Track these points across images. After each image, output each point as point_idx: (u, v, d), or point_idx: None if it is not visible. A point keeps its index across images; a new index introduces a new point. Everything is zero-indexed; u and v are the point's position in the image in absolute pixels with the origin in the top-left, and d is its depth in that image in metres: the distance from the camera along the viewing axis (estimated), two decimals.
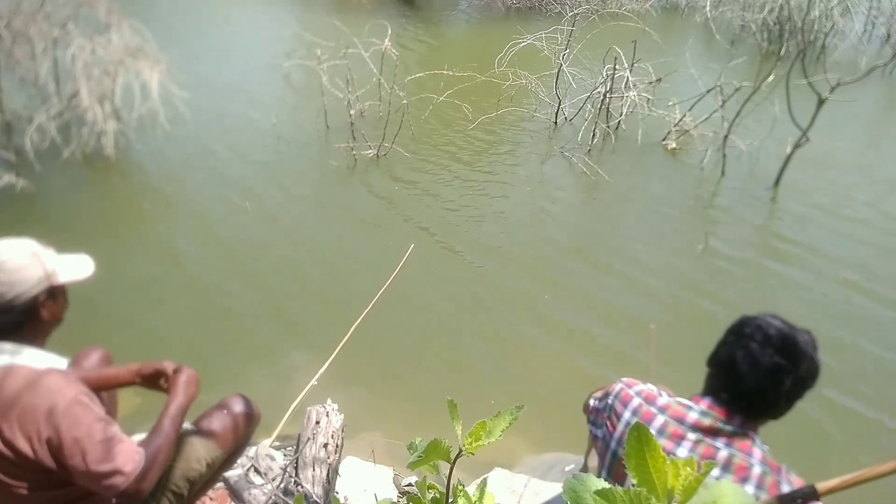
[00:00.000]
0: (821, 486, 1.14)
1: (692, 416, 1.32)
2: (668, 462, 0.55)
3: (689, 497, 0.53)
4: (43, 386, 1.33)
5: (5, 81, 4.88)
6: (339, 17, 7.49)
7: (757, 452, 1.27)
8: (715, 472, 1.25)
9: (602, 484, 0.55)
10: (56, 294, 1.45)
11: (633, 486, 0.56)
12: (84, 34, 4.98)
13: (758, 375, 1.27)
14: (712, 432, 1.29)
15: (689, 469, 0.54)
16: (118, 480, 1.32)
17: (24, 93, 5.20)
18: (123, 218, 4.42)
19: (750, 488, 1.23)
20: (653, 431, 1.30)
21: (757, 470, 1.24)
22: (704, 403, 1.34)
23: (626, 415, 1.40)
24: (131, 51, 5.08)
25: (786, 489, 1.23)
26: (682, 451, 1.29)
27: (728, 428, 1.29)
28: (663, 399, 1.40)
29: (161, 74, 5.07)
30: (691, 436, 1.30)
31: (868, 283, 4.07)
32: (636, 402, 1.40)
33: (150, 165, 5.08)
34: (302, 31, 6.79)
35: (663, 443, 1.31)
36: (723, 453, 1.27)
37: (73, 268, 1.49)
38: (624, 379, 1.51)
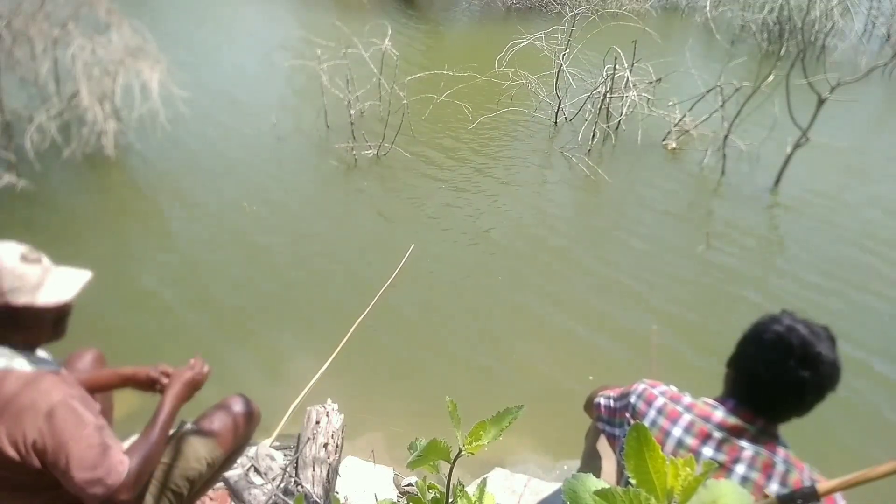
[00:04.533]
0: (821, 486, 1.14)
1: (718, 416, 1.33)
2: (667, 462, 0.55)
3: (688, 497, 0.53)
4: (34, 389, 1.32)
5: (5, 81, 4.88)
6: (339, 17, 7.50)
7: (781, 451, 1.29)
8: (741, 469, 1.27)
9: (601, 484, 0.55)
10: (16, 316, 1.36)
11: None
12: (84, 34, 4.98)
13: (781, 389, 1.28)
14: (737, 432, 1.30)
15: (688, 469, 0.54)
16: (99, 490, 1.31)
17: (24, 93, 5.20)
18: (123, 217, 4.42)
19: (774, 485, 1.25)
20: (679, 430, 1.33)
21: (781, 468, 1.26)
22: (728, 405, 1.35)
23: (652, 413, 1.41)
24: (131, 51, 5.08)
25: None
26: (708, 450, 1.30)
27: (752, 428, 1.30)
28: (688, 398, 1.41)
29: (161, 74, 5.07)
30: (717, 434, 1.31)
31: (869, 283, 4.07)
32: (661, 401, 1.41)
33: (150, 165, 5.08)
34: (302, 31, 6.80)
35: (690, 441, 1.32)
36: (748, 452, 1.28)
37: (49, 289, 1.38)
38: (646, 379, 1.51)
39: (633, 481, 0.56)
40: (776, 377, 1.27)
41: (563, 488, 0.57)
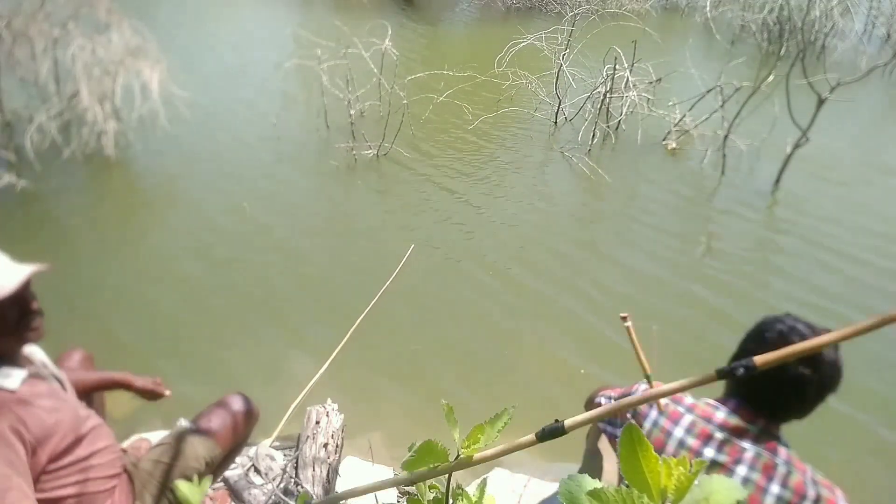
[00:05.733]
0: (759, 359, 1.11)
1: (719, 416, 1.33)
2: (660, 462, 0.55)
3: (681, 496, 0.53)
4: None
5: (5, 81, 4.89)
6: (339, 17, 7.50)
7: (782, 452, 1.28)
8: (742, 471, 1.27)
9: (597, 484, 0.55)
10: None
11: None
12: (84, 34, 4.98)
13: (781, 387, 1.28)
14: (738, 432, 1.30)
15: (681, 468, 0.54)
16: None
17: (24, 93, 5.20)
18: (123, 218, 4.42)
19: (775, 487, 1.24)
20: (681, 430, 1.33)
21: (782, 469, 1.26)
22: (730, 405, 1.35)
23: (653, 414, 1.40)
24: (131, 51, 5.09)
25: (811, 491, 1.23)
26: (710, 451, 1.30)
27: (753, 429, 1.30)
28: (689, 399, 1.41)
29: (161, 74, 5.08)
30: (718, 435, 1.31)
31: (870, 283, 4.07)
32: (662, 401, 1.41)
33: (150, 165, 5.08)
34: (302, 31, 6.81)
35: (691, 442, 1.32)
36: (749, 453, 1.28)
37: None
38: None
39: (626, 481, 0.56)
40: (777, 374, 1.26)
41: (559, 489, 0.57)
